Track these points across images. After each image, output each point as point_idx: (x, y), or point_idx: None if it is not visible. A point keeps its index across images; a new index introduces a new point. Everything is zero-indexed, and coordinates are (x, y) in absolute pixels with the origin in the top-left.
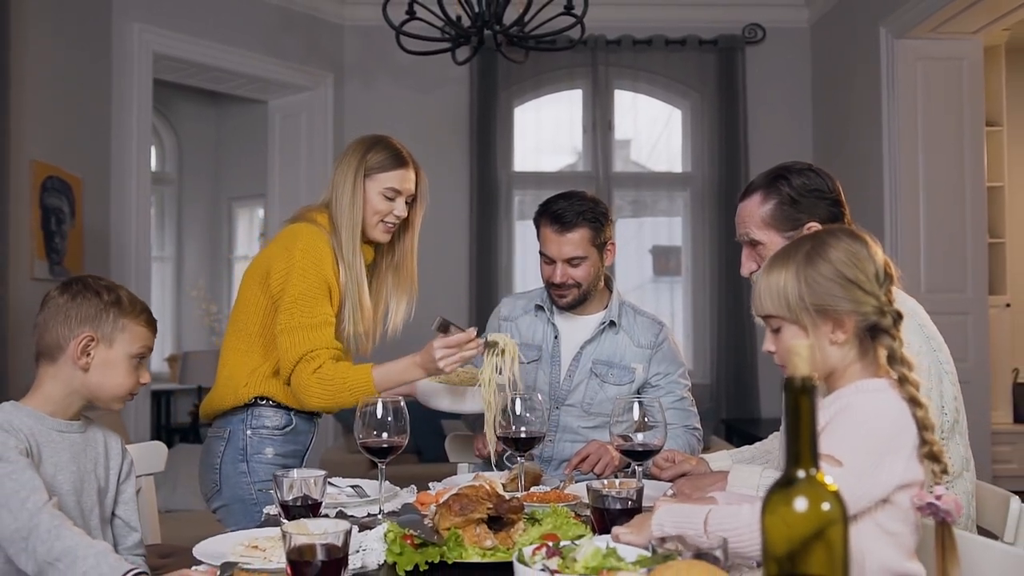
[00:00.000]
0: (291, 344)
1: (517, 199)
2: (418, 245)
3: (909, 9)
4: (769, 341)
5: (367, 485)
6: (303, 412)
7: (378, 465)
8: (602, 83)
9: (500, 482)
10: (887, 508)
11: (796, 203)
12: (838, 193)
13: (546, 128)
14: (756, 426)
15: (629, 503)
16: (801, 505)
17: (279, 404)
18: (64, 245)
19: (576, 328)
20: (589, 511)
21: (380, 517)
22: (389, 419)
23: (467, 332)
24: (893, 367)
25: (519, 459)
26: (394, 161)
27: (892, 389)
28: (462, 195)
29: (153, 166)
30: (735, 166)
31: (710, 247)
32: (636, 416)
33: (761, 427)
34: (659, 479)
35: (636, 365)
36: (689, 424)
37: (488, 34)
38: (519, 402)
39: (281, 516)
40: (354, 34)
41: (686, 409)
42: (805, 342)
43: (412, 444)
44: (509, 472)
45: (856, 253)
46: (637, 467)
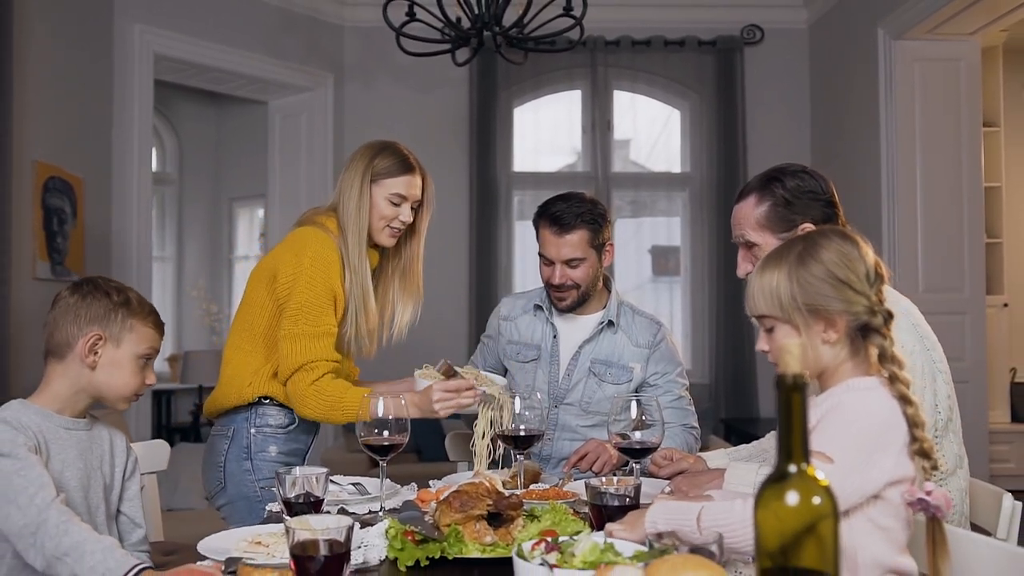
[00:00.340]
0: (292, 351)
1: (517, 199)
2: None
3: (907, 10)
4: (763, 340)
5: (368, 483)
6: None
7: (379, 463)
8: (601, 84)
9: (500, 480)
10: (879, 504)
11: (790, 205)
12: (831, 194)
13: (545, 128)
14: (755, 425)
15: (627, 500)
16: (792, 499)
17: (282, 403)
18: (66, 245)
19: (575, 328)
20: (587, 508)
21: (381, 514)
22: (390, 418)
23: (468, 380)
24: (884, 365)
25: (518, 457)
26: (401, 167)
27: (883, 387)
28: (462, 195)
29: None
30: (734, 166)
31: (709, 247)
32: (634, 414)
33: (760, 426)
34: (657, 477)
35: (634, 364)
36: (687, 423)
37: (488, 35)
38: (519, 401)
39: (284, 513)
40: (354, 35)
41: (684, 408)
42: (797, 341)
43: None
44: (509, 470)
45: (847, 254)
46: (635, 465)
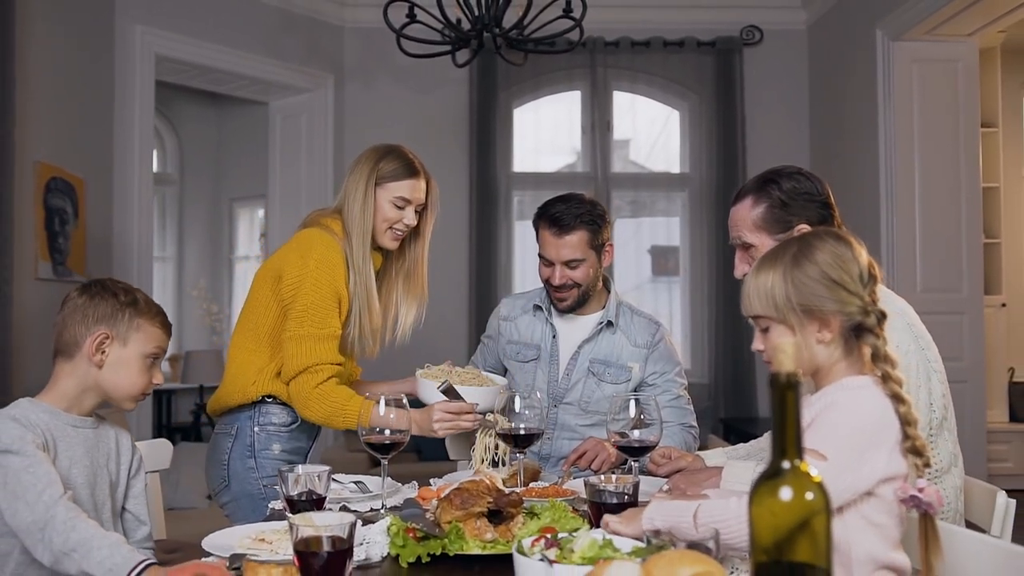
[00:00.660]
0: (297, 352)
1: (516, 199)
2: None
3: (905, 11)
4: (758, 340)
5: (369, 481)
6: None
7: (380, 462)
8: (601, 84)
9: (500, 478)
10: (872, 501)
11: (786, 206)
12: (827, 196)
13: (545, 129)
14: (753, 425)
15: (625, 498)
16: (786, 495)
17: (285, 402)
18: (67, 246)
19: (574, 328)
20: (586, 505)
21: (383, 511)
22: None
23: (469, 403)
24: (877, 365)
25: (518, 456)
26: (405, 171)
27: (876, 386)
28: (462, 196)
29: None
30: (733, 166)
31: (708, 247)
32: (633, 413)
33: (758, 426)
34: (655, 475)
35: (633, 364)
36: (685, 422)
37: (488, 37)
38: (518, 400)
39: (286, 510)
40: (354, 36)
41: (682, 407)
42: (791, 340)
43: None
44: (509, 468)
45: (841, 255)
46: (634, 463)
